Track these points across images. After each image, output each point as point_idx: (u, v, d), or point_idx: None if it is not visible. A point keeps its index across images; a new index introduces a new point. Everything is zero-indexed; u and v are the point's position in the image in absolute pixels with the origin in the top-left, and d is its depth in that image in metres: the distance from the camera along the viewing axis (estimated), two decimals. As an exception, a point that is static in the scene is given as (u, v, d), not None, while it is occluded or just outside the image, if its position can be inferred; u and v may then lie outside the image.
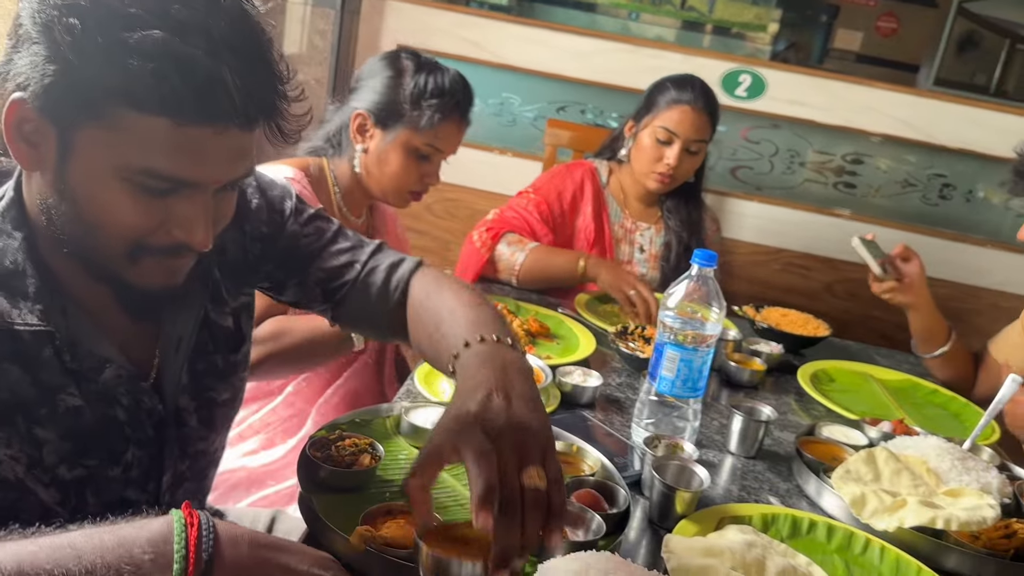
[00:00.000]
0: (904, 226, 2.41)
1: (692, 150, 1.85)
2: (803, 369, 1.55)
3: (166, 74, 0.69)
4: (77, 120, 0.72)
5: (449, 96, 1.48)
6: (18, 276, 0.77)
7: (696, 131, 1.83)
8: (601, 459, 1.05)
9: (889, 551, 0.99)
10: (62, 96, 0.71)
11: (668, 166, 1.84)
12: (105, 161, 0.72)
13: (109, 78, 0.69)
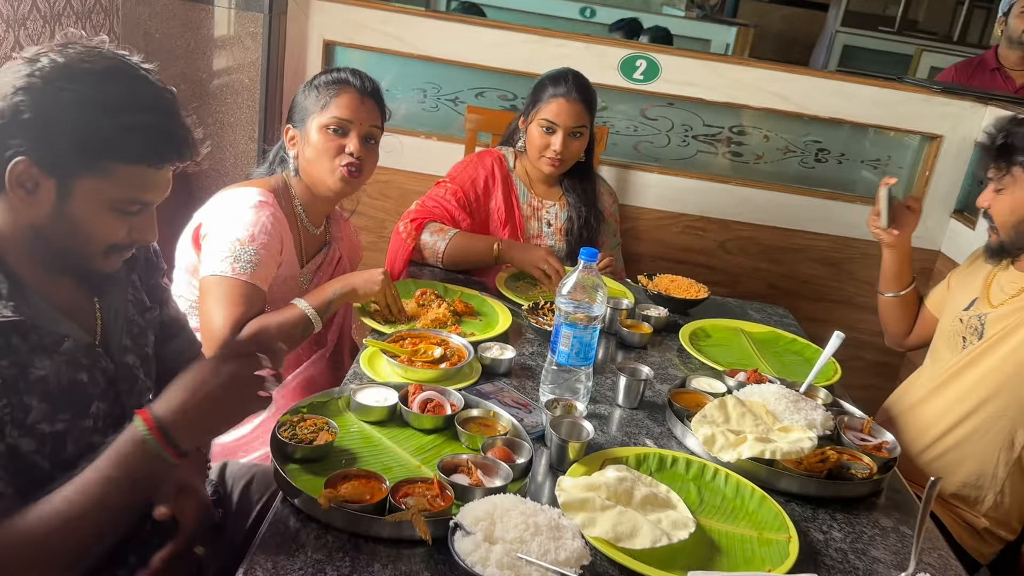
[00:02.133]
0: (786, 188, 2.74)
1: (575, 135, 2.11)
2: (684, 329, 1.86)
3: (139, 139, 1.03)
4: (76, 172, 1.02)
5: (336, 76, 1.71)
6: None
7: (574, 119, 2.08)
8: (512, 420, 1.34)
9: (732, 477, 1.31)
10: (62, 157, 1.01)
11: (555, 152, 2.10)
12: (99, 197, 1.04)
13: (106, 146, 1.01)
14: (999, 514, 1.71)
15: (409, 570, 1.02)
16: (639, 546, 1.09)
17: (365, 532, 1.07)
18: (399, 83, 2.74)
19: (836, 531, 1.25)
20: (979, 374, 1.70)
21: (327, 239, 1.85)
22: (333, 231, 1.88)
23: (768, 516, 1.23)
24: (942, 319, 1.89)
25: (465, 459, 1.22)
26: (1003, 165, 1.68)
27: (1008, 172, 1.67)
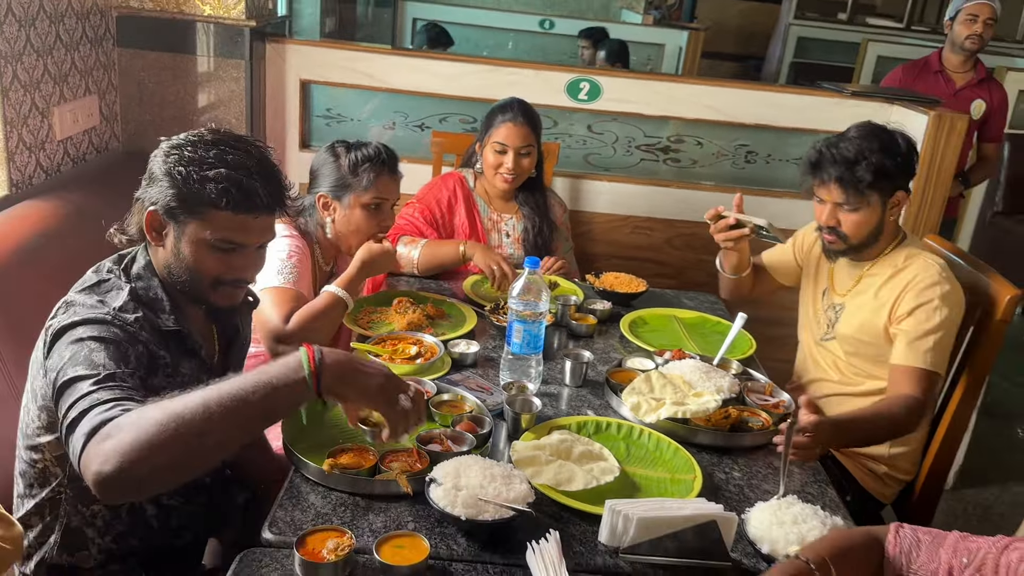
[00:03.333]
0: (720, 188, 3.06)
1: (523, 153, 2.43)
2: (625, 318, 2.17)
3: (234, 192, 1.34)
4: (187, 219, 1.35)
5: (376, 158, 2.04)
6: (158, 302, 1.38)
7: (521, 139, 2.41)
8: (476, 401, 1.65)
9: (654, 435, 1.63)
10: (178, 208, 1.35)
11: (508, 169, 2.42)
12: (202, 237, 1.36)
13: (205, 197, 1.33)
14: (893, 461, 2.04)
15: (396, 517, 1.33)
16: (574, 488, 1.41)
17: (360, 491, 1.38)
18: (371, 114, 3.04)
19: (736, 472, 1.57)
20: (844, 353, 2.02)
21: (333, 271, 2.18)
22: (340, 268, 2.18)
23: (680, 463, 1.55)
24: (803, 305, 2.19)
25: (438, 433, 1.53)
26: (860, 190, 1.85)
27: (864, 197, 1.86)
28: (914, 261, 1.93)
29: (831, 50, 8.03)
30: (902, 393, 1.80)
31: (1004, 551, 1.13)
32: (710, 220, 2.11)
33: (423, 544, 1.23)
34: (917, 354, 1.83)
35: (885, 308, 1.92)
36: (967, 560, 1.14)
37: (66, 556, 1.41)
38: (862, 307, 1.97)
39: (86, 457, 1.07)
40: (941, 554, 1.16)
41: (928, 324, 1.85)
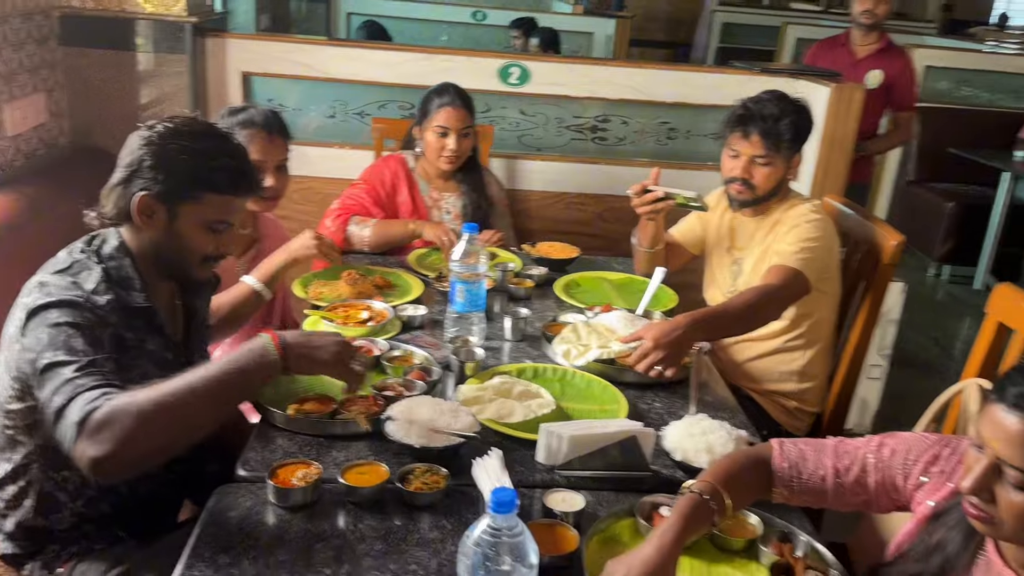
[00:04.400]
0: (645, 163, 3.27)
1: (464, 135, 2.58)
2: (558, 282, 2.36)
3: (226, 176, 1.48)
4: (183, 202, 1.48)
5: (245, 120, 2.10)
6: (130, 280, 1.48)
7: (460, 122, 2.56)
8: (425, 354, 1.82)
9: (585, 376, 1.82)
10: (176, 192, 1.46)
11: (451, 150, 2.57)
12: (197, 219, 1.49)
13: (209, 183, 1.47)
14: (802, 396, 2.27)
15: (357, 452, 1.50)
16: (513, 420, 1.59)
17: (324, 432, 1.54)
18: (311, 103, 3.17)
19: (657, 403, 1.77)
20: None
21: (256, 237, 2.29)
22: (261, 230, 2.31)
23: (608, 397, 1.75)
24: (708, 266, 2.40)
25: (391, 382, 1.70)
26: (778, 145, 2.09)
27: (778, 152, 2.11)
28: (791, 206, 2.18)
29: (754, 34, 8.38)
30: (768, 282, 2.02)
31: (878, 449, 1.33)
32: (634, 194, 2.27)
33: (383, 469, 1.40)
34: (785, 257, 2.06)
35: (770, 248, 2.16)
36: (849, 461, 1.34)
37: (41, 519, 1.49)
38: (759, 258, 2.19)
39: (80, 446, 1.20)
40: (826, 461, 1.34)
41: (800, 238, 2.08)
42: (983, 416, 1.07)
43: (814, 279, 2.08)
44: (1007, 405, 1.02)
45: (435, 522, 1.34)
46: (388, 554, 1.26)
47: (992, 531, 1.08)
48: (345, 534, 1.30)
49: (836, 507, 1.36)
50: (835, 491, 1.32)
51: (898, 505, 1.32)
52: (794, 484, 1.33)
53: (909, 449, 1.30)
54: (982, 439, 1.06)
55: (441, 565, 1.24)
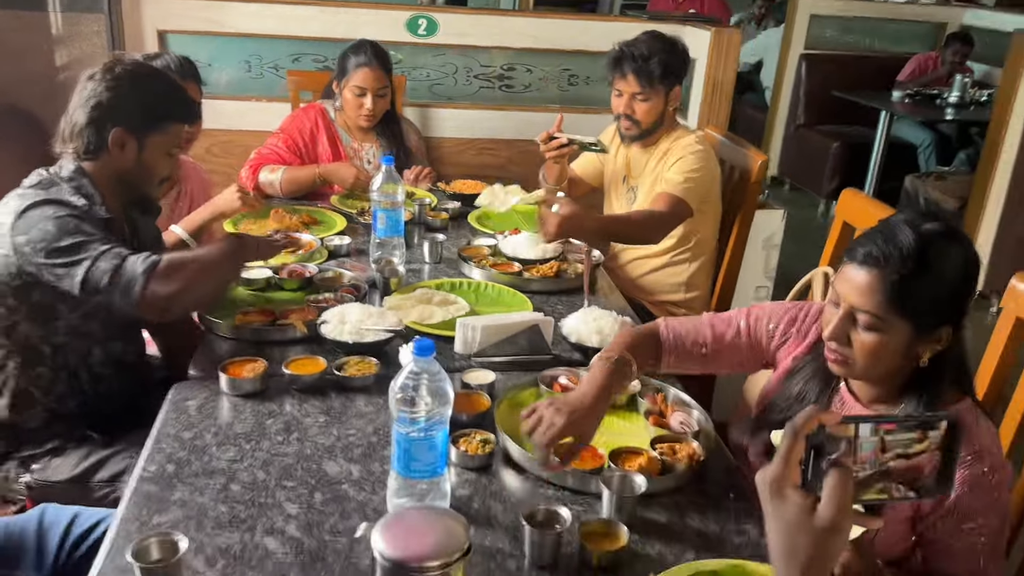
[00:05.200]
0: (550, 109, 3.51)
1: (380, 95, 2.71)
2: (472, 214, 2.60)
3: (183, 107, 1.74)
4: (148, 132, 1.67)
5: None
6: (93, 196, 1.63)
7: (376, 82, 2.68)
8: (351, 275, 2.03)
9: (496, 287, 2.06)
10: (141, 125, 1.65)
11: (368, 110, 2.70)
12: (161, 146, 1.70)
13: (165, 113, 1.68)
14: (689, 303, 2.57)
15: (296, 354, 1.70)
16: (435, 321, 1.83)
17: (265, 338, 1.74)
18: (226, 58, 3.28)
19: (560, 306, 2.03)
20: None
21: (177, 179, 2.38)
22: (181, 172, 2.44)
23: (517, 302, 2.00)
24: (607, 195, 2.65)
25: (324, 296, 1.91)
26: (652, 81, 2.34)
27: (654, 87, 2.36)
28: (678, 139, 2.44)
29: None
30: (651, 208, 2.32)
31: (747, 316, 1.60)
32: (541, 141, 2.48)
33: (321, 361, 1.62)
34: (671, 185, 2.34)
35: (660, 176, 2.42)
36: (724, 328, 1.60)
37: (15, 415, 1.66)
38: (651, 186, 2.47)
39: (152, 287, 1.52)
40: (704, 331, 1.59)
41: (684, 168, 2.35)
42: (838, 276, 1.31)
43: (696, 204, 2.36)
44: (856, 263, 1.26)
45: (369, 400, 1.57)
46: (330, 424, 1.49)
47: (847, 371, 1.33)
48: (292, 412, 1.52)
49: (715, 370, 1.62)
50: (714, 355, 1.57)
51: (765, 362, 1.58)
52: (679, 351, 1.56)
53: (772, 313, 1.56)
54: (838, 295, 1.30)
55: (376, 430, 1.47)
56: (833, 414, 0.80)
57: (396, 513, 0.97)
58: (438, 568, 0.89)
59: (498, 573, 1.16)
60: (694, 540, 1.25)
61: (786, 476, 0.80)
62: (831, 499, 0.77)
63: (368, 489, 1.31)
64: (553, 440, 1.29)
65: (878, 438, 0.78)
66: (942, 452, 0.80)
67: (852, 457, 0.78)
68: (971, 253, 1.23)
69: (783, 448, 0.80)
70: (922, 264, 1.20)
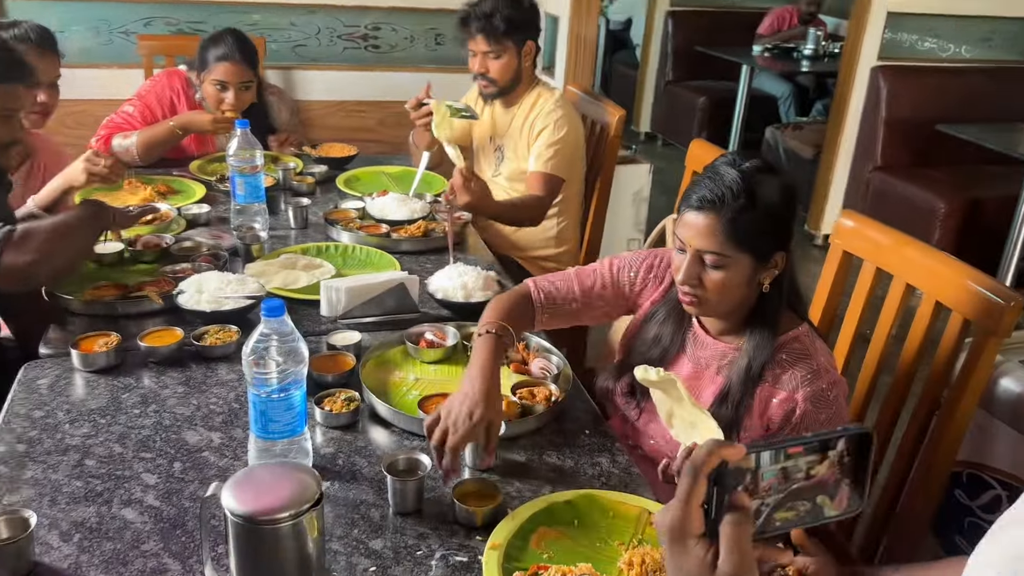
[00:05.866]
0: (417, 68, 3.50)
1: (244, 87, 2.55)
2: (340, 177, 2.57)
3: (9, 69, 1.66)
4: None
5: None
6: None
7: (238, 76, 2.52)
8: (210, 244, 1.98)
9: (363, 249, 2.06)
10: None
11: (231, 105, 2.54)
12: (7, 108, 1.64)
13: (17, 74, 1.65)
14: (559, 258, 2.64)
15: (151, 323, 1.66)
16: (299, 285, 1.82)
17: (119, 312, 1.69)
18: (74, 24, 3.10)
19: (428, 264, 2.04)
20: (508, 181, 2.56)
21: (29, 151, 2.26)
22: (33, 144, 2.31)
23: (385, 263, 2.00)
24: (476, 154, 2.66)
25: (181, 266, 1.86)
26: (499, 38, 2.35)
27: (502, 44, 2.37)
28: (540, 98, 2.47)
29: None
30: (533, 194, 2.38)
31: (609, 267, 1.66)
32: (411, 108, 2.43)
33: (178, 332, 1.58)
34: (540, 163, 2.39)
35: (524, 139, 2.47)
36: (590, 282, 1.66)
37: None
38: (516, 144, 2.50)
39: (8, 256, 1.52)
40: (573, 286, 1.63)
41: (549, 141, 2.40)
42: (679, 223, 1.38)
43: (566, 174, 2.43)
44: (694, 209, 1.34)
45: (231, 368, 1.55)
46: (190, 394, 1.47)
47: (702, 310, 1.41)
48: (150, 385, 1.48)
49: (586, 321, 1.68)
50: (584, 307, 1.62)
51: (629, 309, 1.65)
52: (552, 309, 1.60)
53: (631, 262, 1.63)
54: (682, 241, 1.37)
55: (238, 397, 1.46)
56: (736, 448, 0.72)
57: (245, 471, 0.98)
58: (288, 519, 0.91)
59: (362, 523, 1.18)
60: (550, 475, 1.31)
61: (687, 522, 0.72)
62: (730, 551, 0.71)
63: (230, 455, 1.31)
64: (457, 447, 1.25)
65: (779, 465, 0.72)
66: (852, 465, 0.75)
67: (755, 486, 0.72)
68: (787, 181, 1.33)
69: (683, 489, 0.72)
70: (750, 198, 1.29)
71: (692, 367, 1.48)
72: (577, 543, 1.16)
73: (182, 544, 1.12)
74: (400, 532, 1.17)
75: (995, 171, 4.09)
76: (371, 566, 1.11)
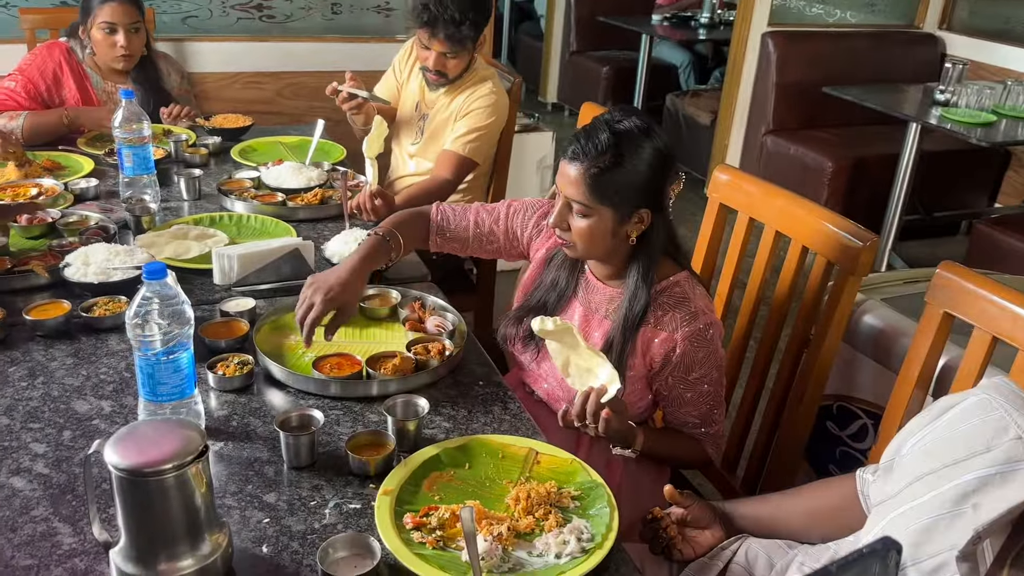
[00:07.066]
0: (316, 38, 3.45)
1: (133, 29, 2.51)
2: (235, 147, 2.53)
3: None
4: None
5: None
6: None
7: (127, 16, 2.49)
8: (98, 217, 1.94)
9: (260, 218, 2.05)
10: None
11: (123, 48, 2.50)
12: None
13: None
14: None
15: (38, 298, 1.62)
16: (191, 255, 1.80)
17: (3, 288, 1.64)
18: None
19: (327, 232, 2.05)
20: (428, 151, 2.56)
21: None
22: None
23: (281, 231, 2.00)
24: (400, 117, 2.62)
25: (68, 240, 1.81)
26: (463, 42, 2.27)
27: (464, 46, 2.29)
28: (478, 79, 2.45)
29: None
30: (441, 176, 2.38)
31: (507, 208, 1.70)
32: (330, 94, 2.41)
33: (65, 304, 1.56)
34: (458, 144, 2.40)
35: (453, 115, 2.46)
36: (487, 216, 1.70)
37: None
38: (442, 118, 2.48)
39: None
40: (469, 216, 1.69)
41: (473, 124, 2.39)
42: (558, 172, 1.44)
43: (481, 159, 2.45)
44: (567, 159, 1.41)
45: (122, 339, 1.53)
46: (79, 365, 1.45)
47: (573, 252, 1.49)
48: (37, 358, 1.46)
49: (476, 253, 1.74)
50: (475, 239, 1.70)
51: (521, 253, 1.71)
52: (446, 233, 1.70)
53: (528, 207, 1.69)
54: (559, 188, 1.44)
55: (128, 366, 1.45)
56: None
57: (128, 427, 0.99)
58: (172, 470, 0.93)
59: (256, 479, 1.21)
60: (445, 425, 1.35)
61: None
62: None
63: (120, 421, 1.31)
64: (315, 319, 1.42)
65: None
66: None
67: None
68: (661, 145, 1.39)
69: None
70: (616, 157, 1.35)
71: (583, 311, 1.55)
72: (467, 484, 1.21)
73: (72, 508, 1.12)
74: (294, 485, 1.20)
75: (879, 131, 4.30)
76: (265, 518, 1.13)
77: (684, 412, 1.52)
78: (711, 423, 1.53)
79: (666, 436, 1.55)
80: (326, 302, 1.43)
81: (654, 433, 1.54)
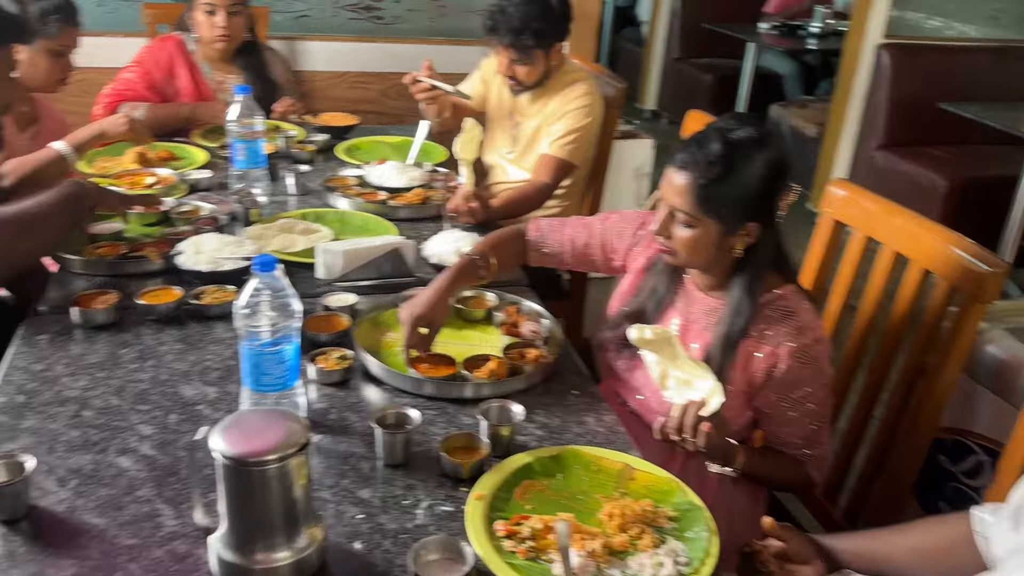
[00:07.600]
0: (421, 40, 3.49)
1: (233, 12, 2.59)
2: (340, 145, 2.58)
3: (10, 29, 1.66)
4: None
5: (57, 5, 2.19)
6: None
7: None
8: (210, 208, 2.01)
9: (363, 215, 2.08)
10: None
11: (222, 28, 2.58)
12: None
13: None
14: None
15: (150, 283, 1.68)
16: (297, 249, 1.84)
17: (119, 272, 1.72)
18: None
19: (426, 232, 2.06)
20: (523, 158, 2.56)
21: (36, 116, 2.33)
22: (39, 110, 2.34)
23: (383, 229, 2.02)
24: (491, 124, 2.60)
25: (181, 228, 1.88)
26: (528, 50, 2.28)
27: (531, 54, 2.29)
28: (568, 81, 2.44)
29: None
30: (539, 180, 2.38)
31: (604, 220, 1.69)
32: (409, 84, 2.45)
33: (176, 291, 1.61)
34: (555, 147, 2.39)
35: (547, 119, 2.45)
36: (584, 231, 1.68)
37: None
38: (538, 125, 2.47)
39: None
40: (566, 231, 1.69)
41: (570, 127, 2.38)
42: (663, 179, 1.42)
43: (579, 161, 2.44)
44: (675, 167, 1.38)
45: (228, 327, 1.56)
46: (187, 351, 1.50)
47: (675, 261, 1.46)
48: (147, 342, 1.52)
49: (575, 267, 1.75)
50: (572, 253, 1.69)
51: (618, 266, 1.68)
52: (543, 248, 1.70)
53: (625, 218, 1.67)
54: (663, 196, 1.42)
55: (235, 354, 1.48)
56: None
57: (234, 415, 1.00)
58: (275, 461, 0.94)
59: (352, 474, 1.21)
60: (537, 433, 1.34)
61: None
62: None
63: (224, 408, 1.34)
64: (408, 344, 1.43)
65: None
66: None
67: None
68: (777, 156, 1.34)
69: None
70: (726, 169, 1.31)
71: (682, 321, 1.51)
72: (560, 496, 1.19)
73: (175, 491, 1.15)
74: (388, 483, 1.20)
75: (997, 150, 4.07)
76: (359, 513, 1.14)
77: (787, 432, 1.46)
78: (816, 444, 1.46)
79: (768, 455, 1.49)
80: (414, 322, 1.46)
81: (755, 452, 1.48)
